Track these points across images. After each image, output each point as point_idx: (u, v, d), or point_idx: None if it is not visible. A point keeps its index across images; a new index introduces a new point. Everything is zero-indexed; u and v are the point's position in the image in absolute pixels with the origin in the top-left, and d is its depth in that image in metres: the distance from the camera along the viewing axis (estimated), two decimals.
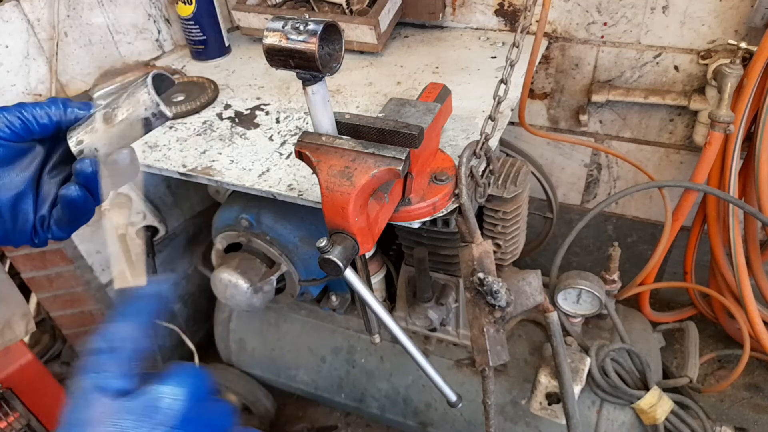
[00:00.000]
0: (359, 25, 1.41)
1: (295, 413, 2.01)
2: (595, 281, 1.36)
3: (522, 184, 1.17)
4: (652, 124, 1.60)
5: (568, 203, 1.91)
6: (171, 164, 1.16)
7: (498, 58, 1.42)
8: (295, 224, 1.40)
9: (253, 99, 1.35)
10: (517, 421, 1.47)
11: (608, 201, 1.44)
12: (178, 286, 1.99)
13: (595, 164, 1.76)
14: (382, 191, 0.84)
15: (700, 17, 1.37)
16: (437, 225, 1.23)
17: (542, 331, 1.53)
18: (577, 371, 1.30)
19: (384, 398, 1.62)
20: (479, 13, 1.56)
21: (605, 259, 1.43)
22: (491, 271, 0.91)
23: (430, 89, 1.10)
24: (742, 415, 1.78)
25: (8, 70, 1.26)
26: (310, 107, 0.78)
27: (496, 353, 0.92)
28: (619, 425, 1.37)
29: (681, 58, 1.45)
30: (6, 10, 1.23)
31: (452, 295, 1.40)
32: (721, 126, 1.35)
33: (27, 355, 1.45)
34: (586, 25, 1.48)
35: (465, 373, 1.51)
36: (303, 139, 0.81)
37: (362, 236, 0.79)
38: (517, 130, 1.76)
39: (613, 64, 1.52)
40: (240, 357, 1.79)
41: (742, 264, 1.50)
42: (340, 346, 1.65)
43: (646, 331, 1.56)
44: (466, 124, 1.16)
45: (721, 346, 1.94)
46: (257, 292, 1.39)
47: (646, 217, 1.83)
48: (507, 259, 1.30)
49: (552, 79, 1.63)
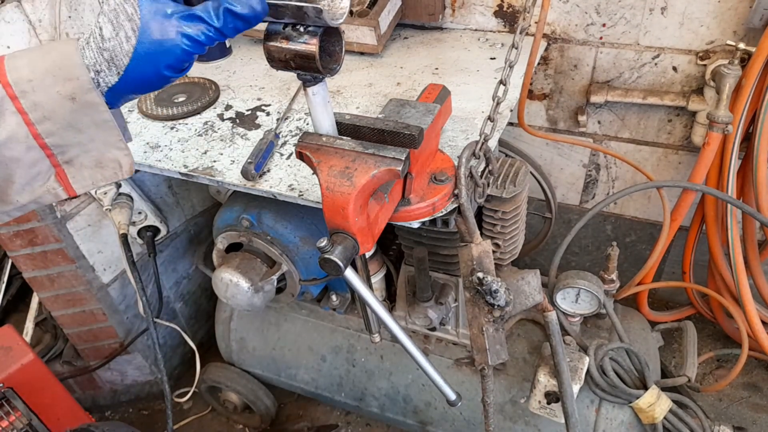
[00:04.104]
0: (359, 26, 1.41)
1: (296, 412, 2.01)
2: (593, 281, 1.37)
3: (521, 185, 1.17)
4: (651, 124, 1.61)
5: (567, 203, 1.91)
6: (172, 164, 1.17)
7: (497, 59, 1.43)
8: (296, 224, 1.41)
9: (253, 100, 1.36)
10: (516, 419, 1.47)
11: (607, 201, 1.44)
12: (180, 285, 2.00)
13: (594, 164, 1.77)
14: (382, 191, 0.85)
15: (699, 18, 1.38)
16: (437, 225, 1.23)
17: (541, 331, 1.54)
18: (575, 370, 1.30)
19: (384, 397, 1.63)
20: (478, 14, 1.56)
21: (604, 258, 1.43)
22: (490, 271, 0.92)
23: (429, 90, 1.11)
24: (741, 415, 1.79)
25: None
26: (310, 108, 0.79)
27: (496, 352, 0.93)
28: (618, 424, 1.38)
29: (679, 59, 1.46)
30: (8, 11, 1.24)
31: (452, 294, 1.41)
32: (719, 126, 1.36)
33: (28, 354, 1.46)
34: (585, 27, 1.49)
35: (464, 372, 1.52)
36: (304, 140, 0.81)
37: (362, 236, 0.79)
38: (516, 130, 1.77)
39: (612, 65, 1.53)
40: (241, 356, 1.80)
41: (741, 264, 1.51)
42: (341, 345, 1.65)
43: (645, 331, 1.57)
44: (465, 125, 1.17)
45: (720, 346, 1.95)
46: (258, 292, 1.40)
47: (645, 217, 1.84)
48: (506, 258, 1.30)
49: (551, 80, 1.63)
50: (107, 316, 1.75)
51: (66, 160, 0.62)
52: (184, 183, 1.83)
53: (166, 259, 1.88)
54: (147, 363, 1.95)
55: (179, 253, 1.94)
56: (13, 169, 0.60)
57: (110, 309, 1.75)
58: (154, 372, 1.99)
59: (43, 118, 0.59)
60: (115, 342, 1.84)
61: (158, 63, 0.59)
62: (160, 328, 1.89)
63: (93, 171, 0.64)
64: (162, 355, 1.67)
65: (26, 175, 0.61)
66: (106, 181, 0.65)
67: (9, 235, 1.54)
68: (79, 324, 1.79)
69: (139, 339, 1.86)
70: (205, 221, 1.99)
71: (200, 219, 1.96)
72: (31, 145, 0.60)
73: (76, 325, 1.80)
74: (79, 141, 0.62)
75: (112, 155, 0.64)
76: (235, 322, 1.77)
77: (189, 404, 2.07)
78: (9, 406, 1.34)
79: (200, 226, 1.98)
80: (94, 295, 1.69)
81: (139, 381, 2.04)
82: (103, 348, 1.87)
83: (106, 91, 0.60)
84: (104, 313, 1.74)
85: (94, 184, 0.65)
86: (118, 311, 1.78)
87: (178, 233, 1.89)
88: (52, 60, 0.59)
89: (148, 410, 2.09)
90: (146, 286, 1.71)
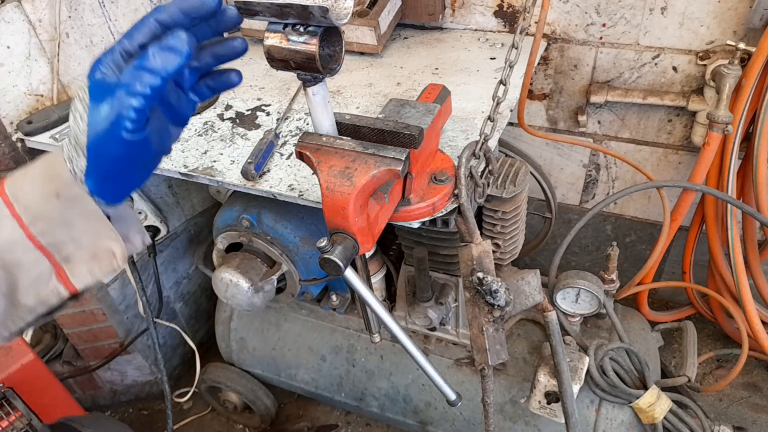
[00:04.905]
0: (359, 26, 1.41)
1: (296, 412, 2.01)
2: (593, 281, 1.37)
3: (521, 185, 1.17)
4: (651, 124, 1.61)
5: (567, 203, 1.91)
6: (172, 164, 1.17)
7: (497, 59, 1.43)
8: (296, 224, 1.41)
9: (253, 100, 1.36)
10: (516, 419, 1.47)
11: (607, 201, 1.44)
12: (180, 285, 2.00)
13: (594, 164, 1.77)
14: (382, 191, 0.85)
15: (699, 18, 1.38)
16: (437, 225, 1.23)
17: (541, 331, 1.54)
18: (575, 370, 1.30)
19: (384, 397, 1.63)
20: (478, 14, 1.56)
21: (604, 258, 1.43)
22: (490, 271, 0.92)
23: (429, 90, 1.11)
24: (741, 415, 1.79)
25: (10, 70, 1.27)
26: (310, 108, 0.79)
27: (496, 352, 0.93)
28: (618, 424, 1.38)
29: (679, 59, 1.46)
30: (8, 11, 1.24)
31: (452, 294, 1.41)
32: (719, 126, 1.36)
33: (28, 354, 1.46)
34: (585, 27, 1.49)
35: (464, 372, 1.52)
36: (304, 140, 0.81)
37: (362, 236, 0.79)
38: (516, 130, 1.77)
39: (612, 65, 1.53)
40: (241, 356, 1.80)
41: (741, 264, 1.51)
42: (341, 345, 1.65)
43: (645, 331, 1.57)
44: (465, 125, 1.16)
45: (720, 346, 1.95)
46: (258, 292, 1.40)
47: (645, 217, 1.84)
48: (506, 258, 1.30)
49: (551, 80, 1.63)
50: (107, 316, 1.75)
51: (64, 258, 0.63)
52: (184, 183, 1.82)
53: (166, 259, 1.88)
54: (147, 363, 1.95)
55: (179, 253, 1.94)
56: (16, 273, 0.62)
57: (110, 309, 1.75)
58: (154, 372, 1.99)
59: (35, 219, 0.61)
60: (115, 342, 1.84)
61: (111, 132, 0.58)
62: (160, 328, 1.89)
63: (90, 264, 0.64)
64: (162, 355, 1.67)
65: (29, 277, 0.63)
66: (103, 272, 0.66)
67: None
68: (79, 324, 1.79)
69: (139, 339, 1.86)
70: (205, 221, 1.99)
71: (200, 219, 1.96)
72: (28, 246, 0.61)
73: (76, 325, 1.80)
74: (72, 236, 0.63)
75: (105, 245, 0.65)
76: (235, 322, 1.77)
77: (189, 404, 2.07)
78: (9, 406, 1.34)
79: (200, 226, 1.98)
80: (94, 295, 1.69)
81: (139, 381, 2.04)
82: (103, 348, 1.86)
83: (85, 179, 0.61)
84: (104, 313, 1.74)
85: (93, 278, 0.65)
86: (118, 311, 1.77)
87: (178, 233, 1.89)
88: (41, 164, 0.62)
89: (148, 410, 2.09)
90: (146, 286, 1.71)
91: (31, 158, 1.34)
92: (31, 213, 0.61)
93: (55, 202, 0.61)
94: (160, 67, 0.55)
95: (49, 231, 0.62)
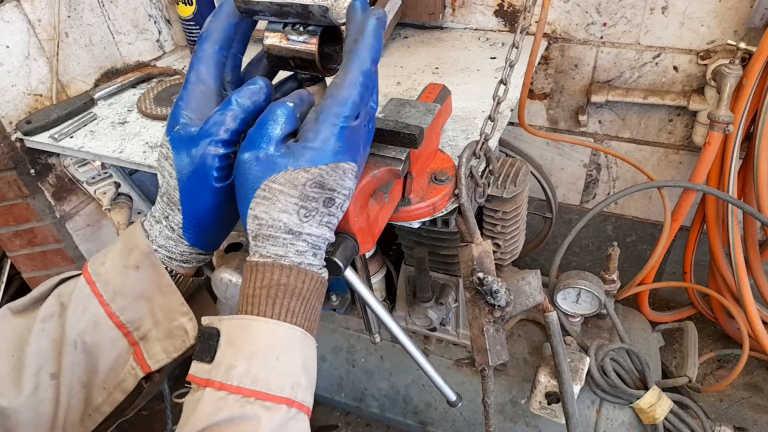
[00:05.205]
0: None
1: None
2: (594, 281, 1.37)
3: (521, 185, 1.17)
4: (652, 124, 1.60)
5: (568, 203, 1.91)
6: None
7: (497, 59, 1.43)
8: None
9: None
10: (516, 420, 1.47)
11: (607, 201, 1.44)
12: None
13: (595, 164, 1.77)
14: (382, 191, 0.84)
15: (700, 17, 1.37)
16: (437, 225, 1.23)
17: (542, 331, 1.53)
18: (576, 371, 1.30)
19: (384, 397, 1.63)
20: (479, 13, 1.56)
21: (604, 258, 1.43)
22: (491, 271, 0.91)
23: (429, 89, 1.10)
24: (742, 415, 1.78)
25: (9, 70, 1.26)
26: None
27: (496, 353, 0.93)
28: (619, 425, 1.38)
29: (680, 59, 1.45)
30: (7, 11, 1.23)
31: (452, 294, 1.40)
32: (720, 126, 1.36)
33: None
34: (586, 26, 1.49)
35: (465, 373, 1.52)
36: None
37: (362, 236, 0.79)
38: (516, 130, 1.76)
39: (613, 64, 1.52)
40: None
41: (741, 264, 1.51)
42: (340, 345, 1.65)
43: (646, 331, 1.56)
44: (465, 125, 1.16)
45: (720, 346, 1.95)
46: None
47: (645, 217, 1.84)
48: (506, 258, 1.30)
49: (551, 80, 1.63)
50: None
51: (141, 336, 0.62)
52: None
53: None
54: None
55: None
56: (97, 355, 0.60)
57: None
58: None
59: (115, 295, 0.60)
60: None
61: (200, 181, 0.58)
62: None
63: (165, 343, 0.63)
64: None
65: (108, 359, 0.61)
66: (177, 351, 0.63)
67: (8, 235, 1.54)
68: None
69: None
70: None
71: None
72: (109, 325, 0.60)
73: None
74: (151, 310, 0.62)
75: (179, 322, 0.63)
76: None
77: None
78: None
79: None
80: None
81: None
82: None
83: (182, 234, 0.61)
84: None
85: (167, 357, 0.63)
86: None
87: None
88: (121, 238, 0.62)
89: (148, 410, 2.08)
90: None
91: (30, 158, 1.34)
92: (111, 288, 0.60)
93: (135, 274, 0.60)
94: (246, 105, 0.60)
95: (129, 307, 0.60)
